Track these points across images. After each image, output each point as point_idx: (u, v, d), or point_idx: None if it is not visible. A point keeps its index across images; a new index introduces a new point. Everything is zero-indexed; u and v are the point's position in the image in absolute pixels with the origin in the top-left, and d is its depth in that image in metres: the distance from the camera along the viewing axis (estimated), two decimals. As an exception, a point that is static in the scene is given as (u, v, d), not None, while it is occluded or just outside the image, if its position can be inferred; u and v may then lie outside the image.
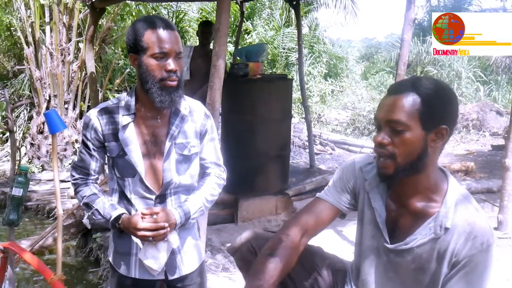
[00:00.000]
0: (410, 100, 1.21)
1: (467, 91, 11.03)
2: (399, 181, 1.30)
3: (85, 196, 1.62)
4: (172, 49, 1.48)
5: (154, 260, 1.55)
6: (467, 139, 8.53)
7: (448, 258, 1.22)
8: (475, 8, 14.35)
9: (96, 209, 1.58)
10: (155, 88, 1.50)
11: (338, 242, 3.42)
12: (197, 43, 4.88)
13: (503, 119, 9.15)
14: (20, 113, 7.00)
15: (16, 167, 2.49)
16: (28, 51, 6.16)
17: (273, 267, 1.30)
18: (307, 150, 6.24)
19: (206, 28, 4.60)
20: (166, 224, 1.50)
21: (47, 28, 6.23)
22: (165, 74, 1.48)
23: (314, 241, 1.51)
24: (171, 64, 1.48)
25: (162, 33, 1.47)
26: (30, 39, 6.22)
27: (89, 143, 1.60)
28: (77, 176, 1.65)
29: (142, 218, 1.49)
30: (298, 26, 5.57)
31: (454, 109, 1.25)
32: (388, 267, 1.36)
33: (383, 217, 1.35)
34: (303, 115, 6.54)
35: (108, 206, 1.58)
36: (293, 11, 7.66)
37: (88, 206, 1.61)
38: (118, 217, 1.55)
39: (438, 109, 1.21)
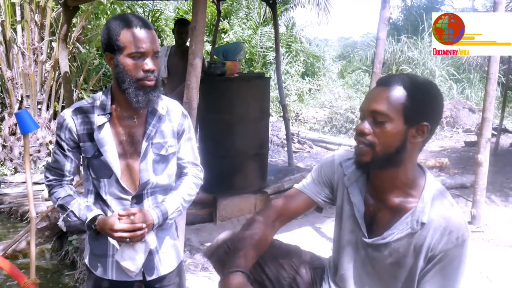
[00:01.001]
0: (395, 93, 1.23)
1: (441, 89, 11.25)
2: (377, 175, 1.32)
3: (59, 197, 1.58)
4: (150, 49, 1.46)
5: (132, 262, 1.53)
6: (441, 136, 8.72)
7: (424, 253, 1.24)
8: (447, 8, 14.68)
9: (72, 211, 1.55)
10: (132, 88, 1.47)
11: (316, 239, 3.45)
12: (174, 43, 4.84)
13: (476, 116, 9.39)
14: (-9, 114, 6.80)
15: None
16: (-1, 51, 5.99)
17: (248, 245, 1.37)
18: (286, 149, 6.26)
19: (181, 28, 4.57)
20: (144, 225, 1.48)
21: (19, 27, 6.06)
22: (143, 74, 1.46)
23: (292, 239, 1.52)
24: (148, 64, 1.46)
25: (139, 32, 1.45)
26: (0, 38, 6.04)
27: (63, 144, 1.56)
28: (51, 177, 1.62)
29: (119, 219, 1.47)
30: (275, 25, 5.58)
31: (438, 108, 1.27)
32: (366, 262, 1.37)
33: (361, 211, 1.37)
34: (281, 114, 6.57)
35: (83, 207, 1.55)
36: (270, 10, 7.67)
37: (63, 208, 1.58)
38: (94, 218, 1.52)
39: (422, 105, 1.23)
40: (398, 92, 1.23)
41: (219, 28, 8.03)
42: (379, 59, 3.22)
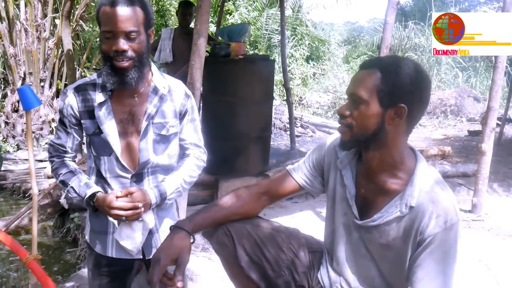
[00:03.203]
0: (371, 76, 1.24)
1: (446, 77, 11.18)
2: (366, 157, 1.33)
3: (61, 173, 1.59)
4: (119, 28, 1.41)
5: (130, 240, 1.54)
6: (444, 124, 8.68)
7: (413, 236, 1.24)
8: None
9: (72, 187, 1.56)
10: (106, 66, 1.47)
11: (317, 223, 3.46)
12: (178, 24, 4.79)
13: (480, 105, 9.33)
14: (-6, 91, 6.80)
15: (-11, 145, 2.41)
16: (2, 27, 5.94)
17: (222, 205, 1.48)
18: (288, 132, 6.25)
19: (186, 9, 4.54)
20: (140, 204, 1.48)
21: (22, 3, 6.00)
22: (113, 53, 1.44)
23: (292, 222, 1.52)
24: (118, 43, 1.43)
25: (110, 10, 1.42)
26: (3, 14, 5.98)
27: (65, 120, 1.57)
28: (54, 153, 1.63)
29: (116, 198, 1.48)
30: (281, 7, 5.50)
31: (417, 89, 1.23)
32: (360, 244, 1.38)
33: (352, 193, 1.37)
34: (285, 98, 6.53)
35: (83, 184, 1.55)
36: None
37: (64, 183, 1.59)
38: (93, 195, 1.52)
39: (396, 87, 1.21)
40: (373, 75, 1.23)
41: (224, 9, 7.94)
42: (386, 44, 3.18)
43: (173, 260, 1.29)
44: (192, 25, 4.78)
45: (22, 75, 6.08)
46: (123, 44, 1.43)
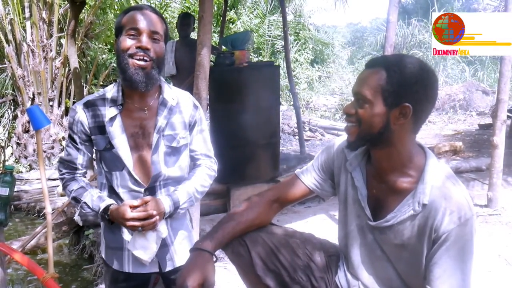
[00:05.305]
0: (376, 75, 1.22)
1: (453, 72, 11.11)
2: (374, 157, 1.32)
3: (72, 190, 1.59)
4: (145, 27, 1.47)
5: (144, 250, 1.53)
6: (454, 120, 8.61)
7: (427, 234, 1.22)
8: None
9: (85, 202, 1.56)
10: (124, 62, 1.47)
11: (331, 226, 3.43)
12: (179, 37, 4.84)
13: (489, 98, 9.25)
14: (4, 112, 6.88)
15: (1, 167, 2.44)
16: (9, 49, 6.03)
17: (233, 224, 1.44)
18: (297, 137, 6.24)
19: (185, 20, 4.60)
20: (155, 212, 1.48)
21: (27, 25, 6.10)
22: (135, 50, 1.46)
23: (306, 227, 1.51)
24: (142, 40, 1.46)
25: (139, 13, 1.49)
26: (10, 37, 6.08)
27: (75, 137, 1.57)
28: (64, 170, 1.63)
29: (131, 207, 1.47)
30: (283, 13, 5.52)
31: (421, 88, 1.21)
32: (375, 246, 1.36)
33: (364, 194, 1.36)
34: (291, 102, 6.53)
35: (96, 198, 1.55)
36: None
37: (76, 200, 1.59)
38: (107, 208, 1.52)
39: (401, 86, 1.20)
40: (378, 74, 1.22)
41: (226, 18, 7.99)
42: (390, 42, 3.17)
43: (200, 285, 1.27)
44: (192, 35, 4.84)
45: (31, 96, 6.16)
46: (147, 42, 1.47)
